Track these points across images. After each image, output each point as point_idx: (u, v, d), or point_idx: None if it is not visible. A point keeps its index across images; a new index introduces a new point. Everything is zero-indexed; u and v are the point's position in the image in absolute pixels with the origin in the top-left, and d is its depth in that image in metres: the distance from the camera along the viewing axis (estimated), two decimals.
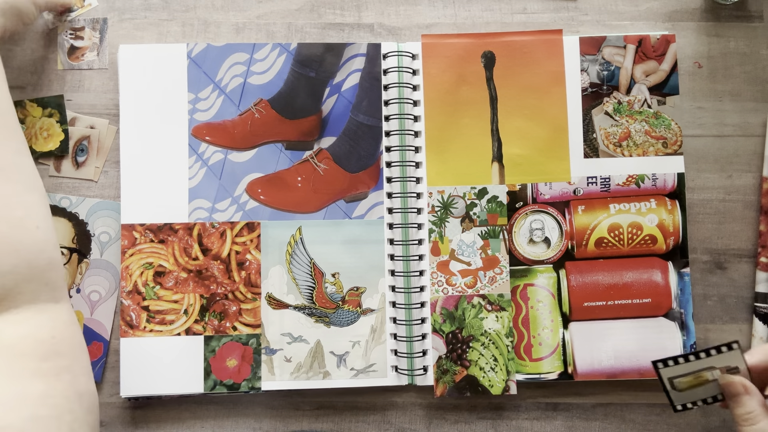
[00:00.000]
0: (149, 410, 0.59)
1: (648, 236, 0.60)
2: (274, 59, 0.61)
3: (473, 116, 0.61)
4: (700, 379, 0.48)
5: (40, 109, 0.61)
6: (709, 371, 0.47)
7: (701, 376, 0.48)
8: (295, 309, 0.59)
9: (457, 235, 0.60)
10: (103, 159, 0.61)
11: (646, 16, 0.63)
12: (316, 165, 0.60)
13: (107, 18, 0.62)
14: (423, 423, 0.59)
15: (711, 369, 0.47)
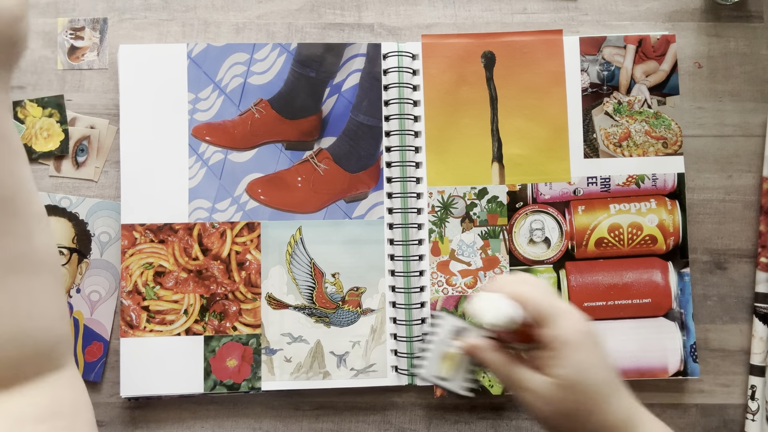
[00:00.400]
0: (149, 410, 0.59)
1: (648, 236, 0.60)
2: (274, 59, 0.61)
3: (473, 116, 0.61)
4: (455, 360, 0.48)
5: (40, 109, 0.61)
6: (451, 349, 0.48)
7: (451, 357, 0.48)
8: (295, 309, 0.59)
9: (457, 235, 0.60)
10: (103, 159, 0.61)
11: (646, 16, 0.63)
12: (316, 165, 0.60)
13: (107, 18, 0.62)
14: (423, 423, 0.59)
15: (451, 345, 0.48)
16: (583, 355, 0.43)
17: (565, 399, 0.43)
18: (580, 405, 0.43)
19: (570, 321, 0.43)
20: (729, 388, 0.60)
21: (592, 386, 0.43)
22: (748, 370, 0.60)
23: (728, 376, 0.60)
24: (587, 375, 0.43)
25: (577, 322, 0.44)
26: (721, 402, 0.60)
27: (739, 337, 0.60)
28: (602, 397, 0.43)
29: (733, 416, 0.60)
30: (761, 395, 0.59)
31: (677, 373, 0.58)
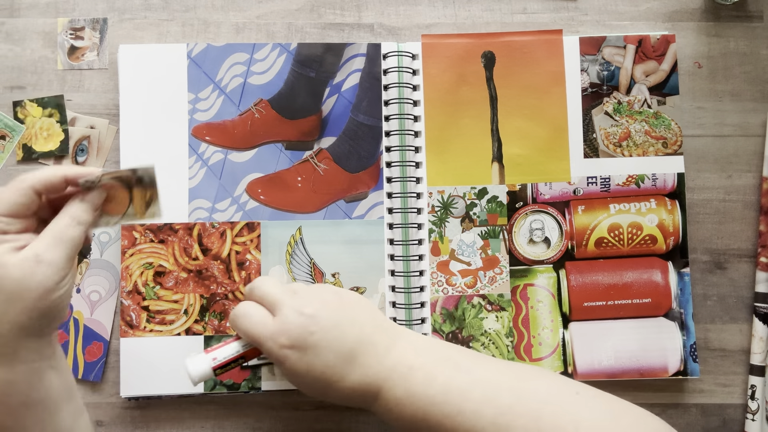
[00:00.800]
0: (149, 410, 0.59)
1: (648, 236, 0.60)
2: (274, 59, 0.61)
3: (473, 116, 0.61)
4: None
5: (40, 109, 0.61)
6: None
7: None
8: None
9: (457, 235, 0.60)
10: (103, 159, 0.61)
11: (646, 16, 0.63)
12: (316, 165, 0.60)
13: (107, 18, 0.62)
14: None
15: None
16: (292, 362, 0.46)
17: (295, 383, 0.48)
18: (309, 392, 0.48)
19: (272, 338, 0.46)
20: (729, 388, 0.60)
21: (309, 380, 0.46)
22: (748, 370, 0.60)
23: (728, 376, 0.60)
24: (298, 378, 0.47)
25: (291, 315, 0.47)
26: (721, 402, 0.60)
27: (739, 337, 0.60)
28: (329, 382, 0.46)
29: (733, 416, 0.60)
30: (761, 395, 0.59)
31: (677, 373, 0.58)
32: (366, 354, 0.47)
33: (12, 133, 0.60)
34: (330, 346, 0.46)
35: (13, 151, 0.60)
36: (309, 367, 0.46)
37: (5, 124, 0.60)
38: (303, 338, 0.46)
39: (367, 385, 0.46)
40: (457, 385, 0.45)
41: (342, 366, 0.46)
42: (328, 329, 0.47)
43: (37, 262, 0.41)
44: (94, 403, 0.59)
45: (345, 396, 0.47)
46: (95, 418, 0.59)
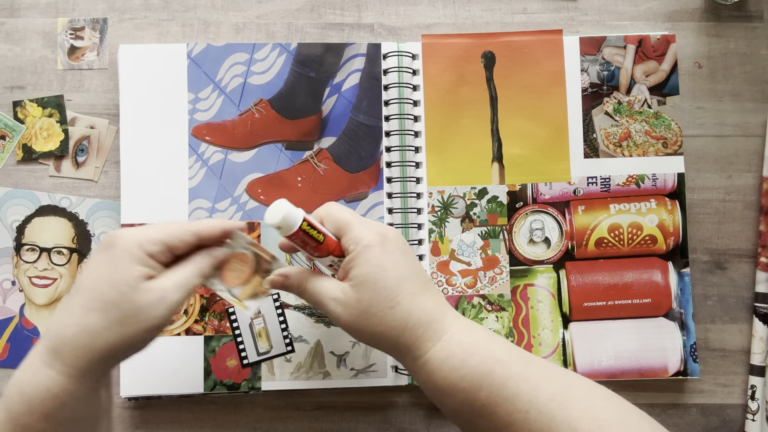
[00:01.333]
0: (149, 410, 0.59)
1: (648, 236, 0.60)
2: (274, 59, 0.61)
3: (473, 116, 0.61)
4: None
5: (40, 109, 0.61)
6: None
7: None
8: (295, 309, 0.59)
9: (457, 235, 0.60)
10: (103, 159, 0.61)
11: (646, 16, 0.63)
12: (316, 165, 0.60)
13: (107, 18, 0.62)
14: (423, 423, 0.59)
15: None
16: (376, 254, 0.44)
17: (361, 298, 0.43)
18: (377, 301, 0.43)
19: (366, 226, 0.45)
20: (729, 388, 0.60)
21: (390, 282, 0.43)
22: (748, 370, 0.60)
23: (728, 376, 0.60)
24: (381, 272, 0.43)
25: (372, 226, 0.45)
26: (721, 402, 0.60)
27: (739, 337, 0.60)
28: (404, 293, 0.43)
29: (733, 416, 0.60)
30: (761, 395, 0.59)
31: (677, 373, 0.58)
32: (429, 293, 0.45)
33: (12, 133, 0.60)
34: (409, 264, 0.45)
35: (13, 151, 0.60)
36: (393, 265, 0.44)
37: (5, 124, 0.60)
38: (394, 237, 0.45)
39: (428, 318, 0.43)
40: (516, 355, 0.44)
41: (419, 282, 0.44)
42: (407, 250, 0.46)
43: (162, 298, 0.42)
44: None
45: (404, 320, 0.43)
46: None
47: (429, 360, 0.43)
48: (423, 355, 0.43)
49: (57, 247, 0.60)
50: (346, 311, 0.44)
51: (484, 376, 0.42)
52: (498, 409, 0.41)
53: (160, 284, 0.43)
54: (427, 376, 0.43)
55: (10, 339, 0.59)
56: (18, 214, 0.60)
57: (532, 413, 0.40)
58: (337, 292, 0.45)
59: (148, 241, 0.43)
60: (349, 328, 0.45)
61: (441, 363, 0.43)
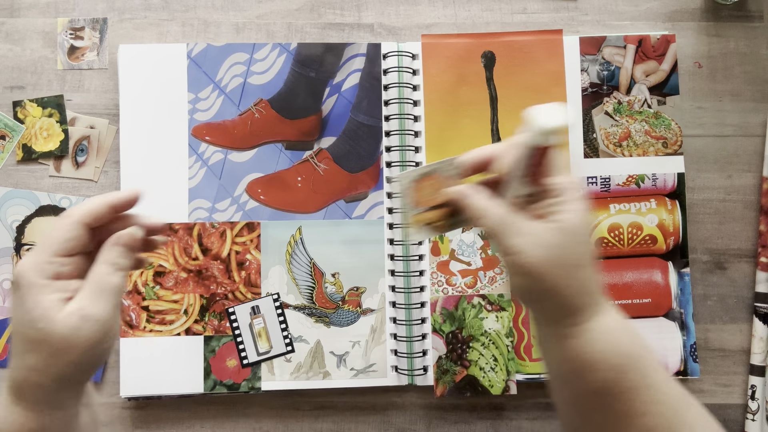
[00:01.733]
0: (149, 410, 0.59)
1: (648, 236, 0.60)
2: (274, 59, 0.61)
3: (473, 116, 0.60)
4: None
5: (40, 109, 0.61)
6: None
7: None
8: (295, 309, 0.59)
9: (457, 235, 0.60)
10: (103, 159, 0.61)
11: (646, 16, 0.63)
12: (316, 165, 0.60)
13: (107, 18, 0.62)
14: (423, 423, 0.59)
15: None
16: (585, 209, 0.41)
17: (562, 244, 0.40)
18: (575, 252, 0.41)
19: (574, 177, 0.42)
20: (729, 388, 0.60)
21: (587, 238, 0.42)
22: (748, 370, 0.60)
23: (728, 376, 0.60)
24: (586, 229, 0.41)
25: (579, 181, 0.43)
26: (721, 402, 0.60)
27: (739, 337, 0.60)
28: (591, 258, 0.42)
29: (733, 416, 0.60)
30: (761, 395, 0.59)
31: (677, 373, 0.58)
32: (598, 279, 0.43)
33: (12, 133, 0.60)
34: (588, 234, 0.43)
35: (13, 151, 0.60)
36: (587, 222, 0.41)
37: (5, 124, 0.60)
38: None
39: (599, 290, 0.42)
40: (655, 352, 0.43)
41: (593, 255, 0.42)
42: None
43: (83, 318, 0.39)
44: None
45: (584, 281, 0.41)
46: None
47: (591, 329, 0.41)
48: (586, 322, 0.41)
49: None
50: (538, 250, 0.40)
51: (634, 359, 0.41)
52: (639, 394, 0.41)
53: (77, 301, 0.40)
54: (582, 345, 0.41)
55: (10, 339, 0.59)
56: (18, 214, 0.60)
57: (666, 406, 0.41)
58: (528, 229, 0.41)
59: (43, 263, 0.40)
60: (528, 270, 0.40)
61: (600, 333, 0.41)
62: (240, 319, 0.58)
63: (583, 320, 0.41)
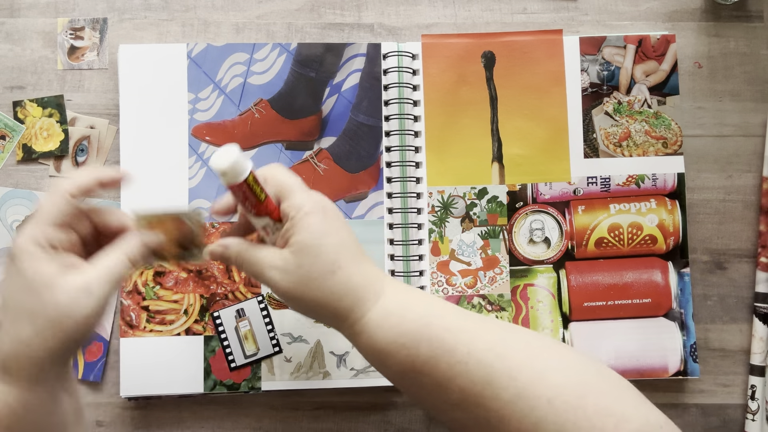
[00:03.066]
0: (149, 410, 0.59)
1: (648, 236, 0.60)
2: (274, 59, 0.61)
3: (473, 116, 0.61)
4: None
5: (40, 109, 0.61)
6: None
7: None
8: None
9: (457, 235, 0.60)
10: (103, 159, 0.61)
11: (646, 16, 0.63)
12: (316, 165, 0.60)
13: (107, 18, 0.62)
14: (423, 423, 0.59)
15: None
16: (318, 221, 0.43)
17: (302, 264, 0.42)
18: (318, 267, 0.42)
19: (305, 194, 0.44)
20: (729, 388, 0.60)
21: (331, 247, 0.43)
22: (748, 370, 0.60)
23: (728, 376, 0.60)
24: (323, 238, 0.43)
25: (312, 194, 0.44)
26: (721, 402, 0.60)
27: (739, 337, 0.60)
28: (344, 259, 0.43)
29: (733, 416, 0.60)
30: (761, 395, 0.59)
31: (677, 373, 0.58)
32: (365, 259, 0.45)
33: (12, 133, 0.60)
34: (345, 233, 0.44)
35: (13, 151, 0.60)
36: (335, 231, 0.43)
37: (5, 124, 0.60)
38: (330, 206, 0.45)
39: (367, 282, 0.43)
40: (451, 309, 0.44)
41: (358, 250, 0.44)
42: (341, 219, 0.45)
43: (87, 293, 0.40)
44: (94, 403, 0.59)
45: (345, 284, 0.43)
46: (95, 418, 0.59)
47: (369, 320, 0.43)
48: (363, 316, 0.43)
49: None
50: (286, 278, 0.43)
51: (422, 330, 0.42)
52: (439, 362, 0.41)
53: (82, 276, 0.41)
54: (368, 338, 0.43)
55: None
56: (18, 214, 0.60)
57: (472, 363, 0.40)
58: (276, 260, 0.43)
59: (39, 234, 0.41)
60: (288, 296, 0.43)
61: (381, 321, 0.43)
62: (225, 322, 0.58)
63: (360, 316, 0.43)
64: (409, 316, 0.43)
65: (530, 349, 0.42)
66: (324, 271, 0.43)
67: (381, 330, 0.43)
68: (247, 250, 0.45)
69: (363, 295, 0.43)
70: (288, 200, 0.44)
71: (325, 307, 0.43)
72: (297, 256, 0.43)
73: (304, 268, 0.42)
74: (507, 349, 0.41)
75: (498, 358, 0.40)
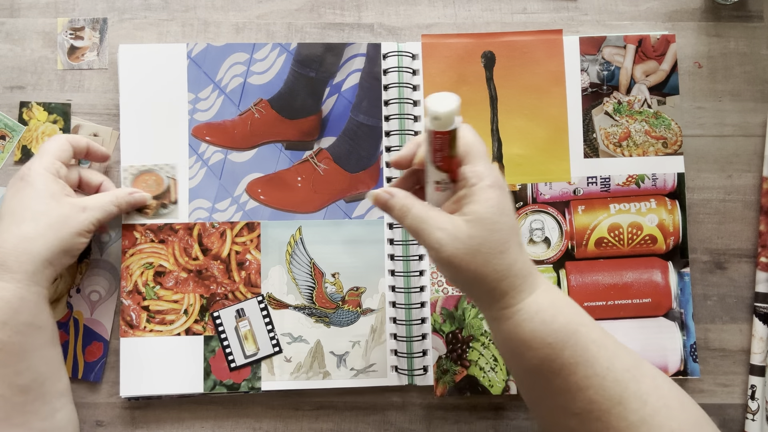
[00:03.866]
0: (149, 410, 0.59)
1: (648, 236, 0.60)
2: (274, 59, 0.61)
3: (473, 116, 0.61)
4: None
5: (45, 113, 0.60)
6: None
7: None
8: (295, 309, 0.59)
9: None
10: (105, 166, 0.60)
11: (646, 16, 0.63)
12: (316, 165, 0.60)
13: (107, 18, 0.62)
14: (423, 423, 0.59)
15: None
16: (498, 197, 0.43)
17: (474, 235, 0.42)
18: (489, 243, 0.42)
19: (489, 165, 0.44)
20: (729, 388, 0.60)
21: (505, 227, 0.43)
22: (748, 370, 0.60)
23: (728, 376, 0.60)
24: (501, 216, 0.43)
25: (494, 168, 0.44)
26: (721, 402, 0.60)
27: (739, 337, 0.60)
28: (513, 242, 0.43)
29: (733, 416, 0.60)
30: (761, 395, 0.59)
31: (677, 373, 0.58)
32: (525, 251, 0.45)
33: (12, 134, 0.60)
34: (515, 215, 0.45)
35: (12, 151, 0.60)
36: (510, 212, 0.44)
37: (5, 124, 0.60)
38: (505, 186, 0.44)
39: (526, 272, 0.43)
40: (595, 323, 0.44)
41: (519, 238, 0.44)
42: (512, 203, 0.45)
43: (83, 209, 0.52)
44: (94, 403, 0.59)
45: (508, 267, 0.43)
46: (95, 418, 0.59)
47: (521, 310, 0.43)
48: (516, 305, 0.43)
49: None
50: (454, 244, 0.42)
51: (570, 335, 0.42)
52: (577, 370, 0.42)
53: (82, 199, 0.53)
54: (514, 327, 0.43)
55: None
56: None
57: (609, 380, 0.41)
58: (446, 223, 0.43)
59: (48, 163, 0.52)
60: (450, 262, 0.43)
61: (533, 315, 0.43)
62: (225, 322, 0.58)
63: (514, 302, 0.43)
64: (560, 319, 0.43)
65: (657, 380, 0.43)
66: (494, 249, 0.42)
67: (529, 323, 0.43)
68: (415, 205, 0.44)
69: (520, 284, 0.43)
70: (471, 165, 0.43)
71: (484, 283, 0.43)
72: (471, 226, 0.42)
73: (476, 240, 0.42)
74: (641, 375, 0.42)
75: (633, 381, 0.42)
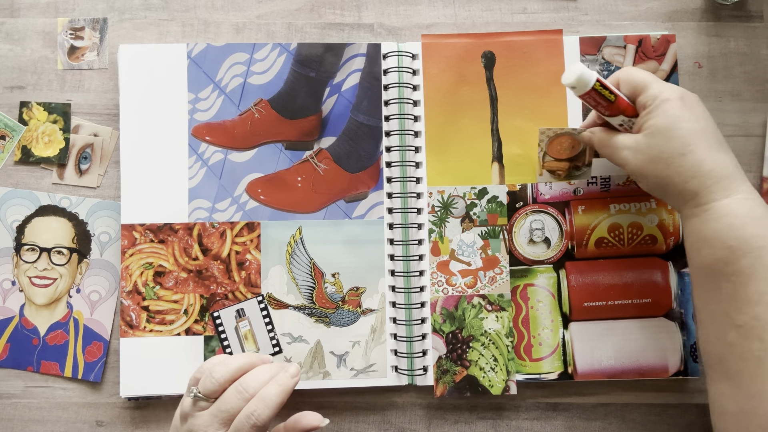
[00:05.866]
0: (149, 410, 0.59)
1: (648, 236, 0.60)
2: (274, 59, 0.61)
3: (473, 116, 0.61)
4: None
5: (46, 113, 0.60)
6: None
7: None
8: (295, 309, 0.59)
9: (457, 235, 0.60)
10: (105, 166, 0.61)
11: (646, 16, 0.63)
12: (316, 165, 0.60)
13: (107, 18, 0.62)
14: (423, 423, 0.59)
15: None
16: (674, 107, 0.47)
17: (653, 144, 0.47)
18: (668, 148, 0.47)
19: (662, 84, 0.49)
20: None
21: (685, 131, 0.46)
22: None
23: None
24: (678, 122, 0.47)
25: (669, 84, 0.49)
26: None
27: None
28: (697, 144, 0.46)
29: None
30: None
31: (677, 373, 0.58)
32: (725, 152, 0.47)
33: (12, 134, 0.60)
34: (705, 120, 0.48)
35: (12, 151, 0.60)
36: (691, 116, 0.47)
37: (5, 124, 0.60)
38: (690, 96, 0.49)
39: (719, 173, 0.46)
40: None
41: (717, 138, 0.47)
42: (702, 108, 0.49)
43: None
44: (94, 403, 0.59)
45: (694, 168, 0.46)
46: (95, 418, 0.59)
47: (709, 210, 0.46)
48: (706, 204, 0.46)
49: (57, 247, 0.60)
50: (636, 156, 0.48)
51: (753, 248, 0.43)
52: (751, 281, 0.43)
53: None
54: (700, 224, 0.46)
55: (10, 339, 0.59)
56: (18, 214, 0.60)
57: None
58: (629, 142, 0.49)
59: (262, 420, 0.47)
60: (636, 173, 0.49)
61: (720, 216, 0.45)
62: (225, 322, 0.58)
63: (705, 202, 0.46)
64: (748, 230, 0.44)
65: None
66: (674, 153, 0.47)
67: (714, 223, 0.45)
68: (606, 135, 0.52)
69: (712, 184, 0.46)
70: (644, 93, 0.49)
71: (671, 185, 0.47)
72: (649, 138, 0.48)
73: (654, 147, 0.47)
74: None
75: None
